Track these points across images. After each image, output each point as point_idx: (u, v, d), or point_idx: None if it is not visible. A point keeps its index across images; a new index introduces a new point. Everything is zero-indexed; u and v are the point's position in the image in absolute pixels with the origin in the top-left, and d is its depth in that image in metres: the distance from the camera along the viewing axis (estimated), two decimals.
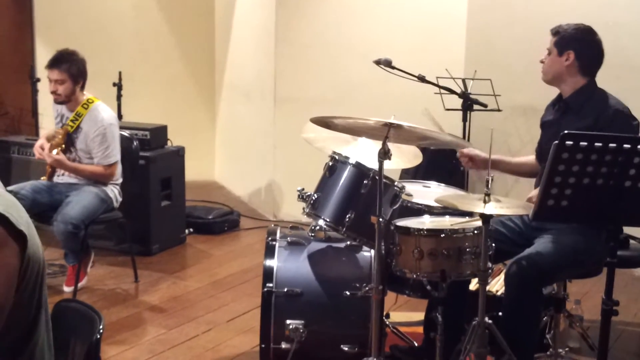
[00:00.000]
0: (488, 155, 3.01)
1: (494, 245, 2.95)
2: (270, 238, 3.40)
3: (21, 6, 6.56)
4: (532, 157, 3.52)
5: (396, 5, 5.91)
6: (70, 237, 4.16)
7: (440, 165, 4.90)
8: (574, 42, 3.19)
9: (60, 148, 4.33)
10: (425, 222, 3.12)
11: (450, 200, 2.94)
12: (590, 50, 3.21)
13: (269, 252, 3.33)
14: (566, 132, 2.37)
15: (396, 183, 3.19)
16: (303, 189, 3.32)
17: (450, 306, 3.05)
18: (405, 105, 5.09)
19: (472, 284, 3.45)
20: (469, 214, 3.01)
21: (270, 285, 3.23)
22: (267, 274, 3.26)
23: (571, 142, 2.36)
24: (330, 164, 3.28)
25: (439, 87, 4.64)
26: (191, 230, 5.54)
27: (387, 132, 2.81)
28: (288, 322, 3.19)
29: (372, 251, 3.22)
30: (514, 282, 3.02)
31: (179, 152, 5.37)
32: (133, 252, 4.66)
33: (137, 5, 7.03)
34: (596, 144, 2.35)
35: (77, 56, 4.38)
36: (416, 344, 3.55)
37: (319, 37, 5.96)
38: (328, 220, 3.20)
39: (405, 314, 3.99)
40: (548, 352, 3.38)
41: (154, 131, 5.20)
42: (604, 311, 2.62)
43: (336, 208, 3.19)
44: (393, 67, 4.07)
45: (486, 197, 2.76)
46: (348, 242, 3.37)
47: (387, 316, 3.66)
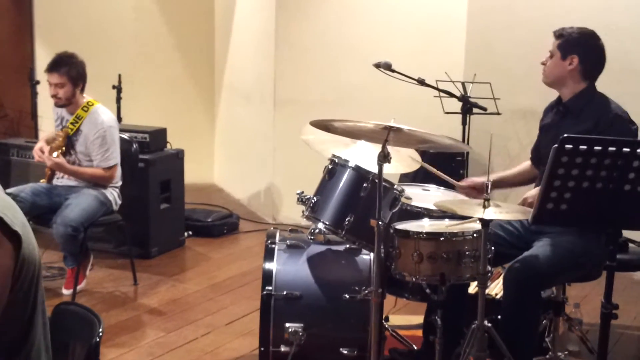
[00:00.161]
0: (485, 179, 2.97)
1: (493, 248, 2.94)
2: (269, 241, 3.40)
3: (21, 8, 6.56)
4: (526, 164, 3.51)
5: (396, 8, 5.92)
6: (70, 239, 4.16)
7: (440, 169, 4.90)
8: (578, 46, 3.18)
9: (60, 150, 4.34)
10: (425, 225, 3.11)
11: (450, 206, 2.94)
12: (594, 55, 3.20)
13: (268, 255, 3.33)
14: (566, 135, 2.37)
15: (395, 186, 3.18)
16: (302, 192, 3.31)
17: (450, 309, 3.04)
18: (405, 109, 5.10)
19: (472, 287, 3.45)
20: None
21: (270, 288, 3.22)
22: (267, 276, 3.25)
23: (571, 146, 2.36)
24: (330, 167, 3.28)
25: (439, 90, 4.64)
26: (190, 233, 5.54)
27: (387, 135, 2.81)
28: (287, 325, 3.18)
29: (372, 254, 3.21)
30: (513, 285, 3.02)
31: (179, 155, 5.36)
32: (132, 255, 4.66)
33: (136, 7, 7.03)
34: (596, 147, 2.36)
35: (77, 59, 4.38)
36: (415, 348, 3.56)
37: (319, 40, 5.96)
38: (327, 223, 3.19)
39: (405, 317, 3.99)
40: (547, 356, 3.38)
41: (154, 134, 5.20)
42: (603, 314, 2.62)
43: (335, 211, 3.19)
44: (393, 70, 4.07)
45: (485, 202, 2.76)
46: (347, 245, 3.36)
47: (387, 319, 3.65)
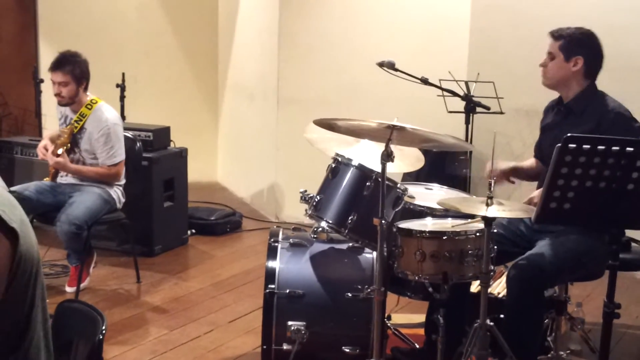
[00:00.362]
0: (505, 165, 2.98)
1: (495, 247, 2.94)
2: (272, 239, 3.40)
3: (25, 7, 6.57)
4: (533, 160, 3.52)
5: (399, 8, 5.91)
6: (73, 237, 4.17)
7: (443, 168, 4.91)
8: (582, 47, 3.16)
9: (65, 147, 4.34)
10: (428, 224, 3.12)
11: (453, 203, 2.94)
12: (597, 55, 3.20)
13: (271, 253, 3.33)
14: (569, 134, 2.37)
15: (399, 185, 3.19)
16: (305, 191, 3.32)
17: (452, 308, 3.04)
18: (408, 108, 5.10)
19: (474, 286, 3.44)
20: (471, 216, 3.01)
21: (272, 286, 3.23)
22: (269, 275, 3.26)
23: (574, 145, 2.36)
24: (333, 165, 3.28)
25: (442, 89, 4.64)
26: (193, 231, 5.55)
27: (390, 134, 2.81)
28: (290, 323, 3.19)
29: (374, 253, 3.21)
30: (516, 284, 3.02)
31: (182, 153, 5.37)
32: (135, 253, 4.67)
33: (140, 6, 7.04)
34: (599, 147, 2.35)
35: (80, 57, 4.39)
36: (417, 346, 3.55)
37: (322, 39, 5.96)
38: (330, 222, 3.20)
39: (407, 316, 3.99)
40: (549, 355, 3.37)
41: (157, 132, 5.21)
42: (605, 314, 2.62)
43: (339, 210, 3.19)
44: (396, 69, 4.07)
45: (489, 200, 2.76)
46: (350, 244, 3.37)
47: (389, 318, 3.66)
